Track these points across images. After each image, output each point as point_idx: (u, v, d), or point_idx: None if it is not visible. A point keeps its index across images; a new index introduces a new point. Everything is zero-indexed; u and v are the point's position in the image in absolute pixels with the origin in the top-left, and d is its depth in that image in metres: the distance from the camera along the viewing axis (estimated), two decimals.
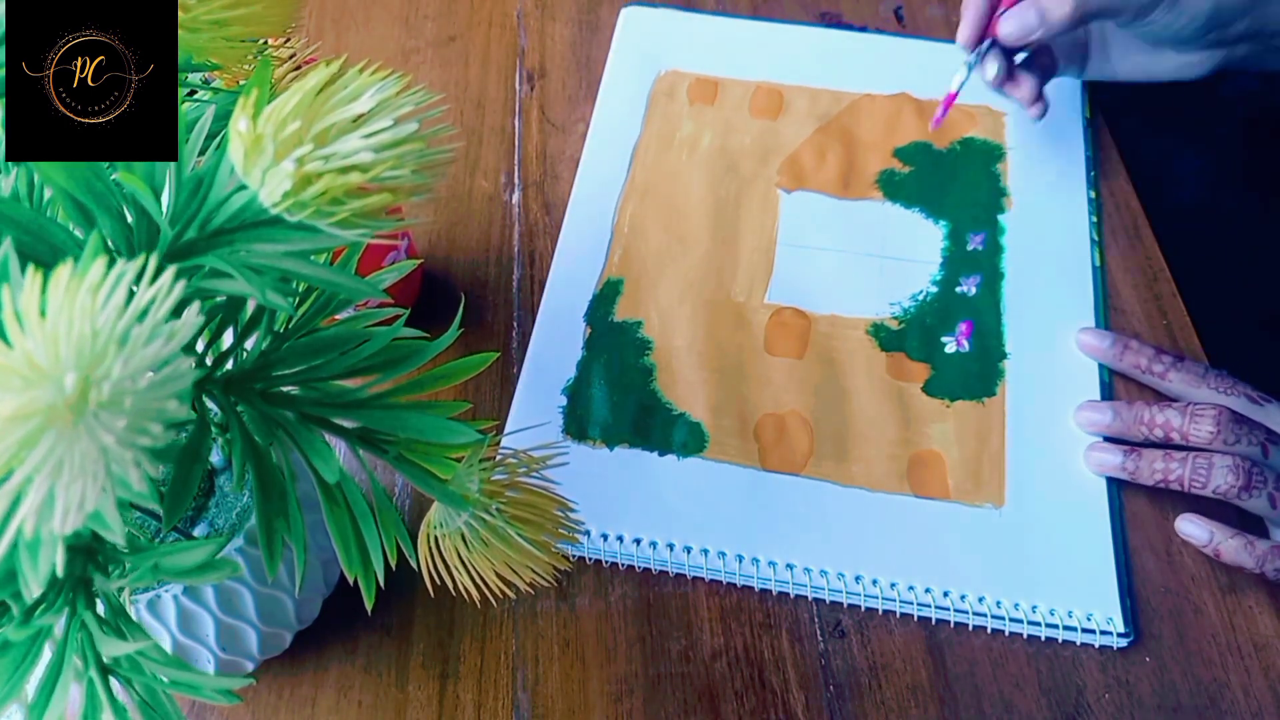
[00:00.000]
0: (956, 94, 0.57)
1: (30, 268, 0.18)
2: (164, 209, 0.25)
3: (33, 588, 0.20)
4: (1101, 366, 0.54)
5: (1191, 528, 0.47)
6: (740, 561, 0.48)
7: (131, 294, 0.18)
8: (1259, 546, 0.46)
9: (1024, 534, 0.49)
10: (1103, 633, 0.46)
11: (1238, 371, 0.52)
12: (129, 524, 0.34)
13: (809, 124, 0.65)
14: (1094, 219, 0.61)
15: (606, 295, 0.58)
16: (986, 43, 0.56)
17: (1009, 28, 0.54)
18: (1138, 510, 0.50)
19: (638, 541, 0.49)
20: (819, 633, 0.47)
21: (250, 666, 0.43)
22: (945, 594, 0.47)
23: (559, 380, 0.54)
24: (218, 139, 0.28)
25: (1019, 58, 0.59)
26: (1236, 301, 0.64)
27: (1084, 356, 0.55)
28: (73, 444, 0.17)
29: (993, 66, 0.57)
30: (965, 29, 0.55)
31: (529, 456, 0.32)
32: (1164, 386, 0.52)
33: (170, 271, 0.19)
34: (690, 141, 0.64)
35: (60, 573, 0.19)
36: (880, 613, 0.48)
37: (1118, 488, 0.51)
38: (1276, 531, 0.47)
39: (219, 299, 0.29)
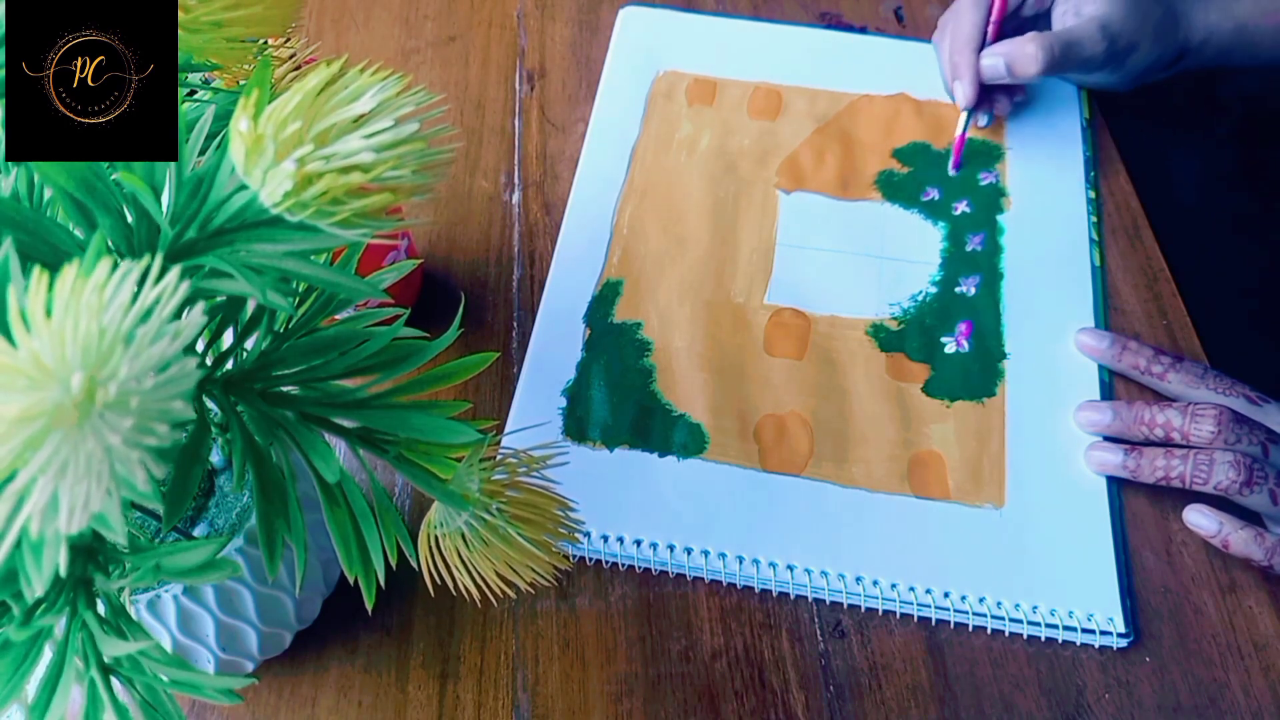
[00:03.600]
0: (965, 136, 0.62)
1: (36, 268, 0.18)
2: (164, 209, 0.25)
3: (36, 587, 0.20)
4: (1101, 366, 0.54)
5: (1200, 518, 0.47)
6: (740, 562, 0.48)
7: (135, 295, 0.18)
8: (1268, 539, 0.46)
9: (1024, 534, 0.49)
10: (1103, 633, 0.46)
11: (1238, 372, 0.52)
12: (129, 524, 0.34)
13: (807, 125, 0.65)
14: (1093, 219, 0.61)
15: (606, 296, 0.58)
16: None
17: (983, 75, 0.60)
18: (1138, 510, 0.50)
19: (638, 542, 0.49)
20: (819, 633, 0.47)
21: (250, 666, 0.43)
22: (945, 594, 0.47)
23: (559, 381, 0.54)
24: (218, 139, 0.28)
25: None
26: (1236, 301, 0.64)
27: (1084, 356, 0.55)
28: (78, 445, 0.17)
29: (984, 118, 0.63)
30: (966, 91, 0.61)
31: (529, 456, 0.32)
32: (1163, 387, 0.52)
33: (175, 271, 0.19)
34: (689, 142, 0.64)
35: (63, 573, 0.19)
36: (880, 613, 0.48)
37: (1118, 487, 0.51)
38: (1276, 528, 0.47)
39: (219, 299, 0.29)
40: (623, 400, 0.53)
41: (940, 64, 0.64)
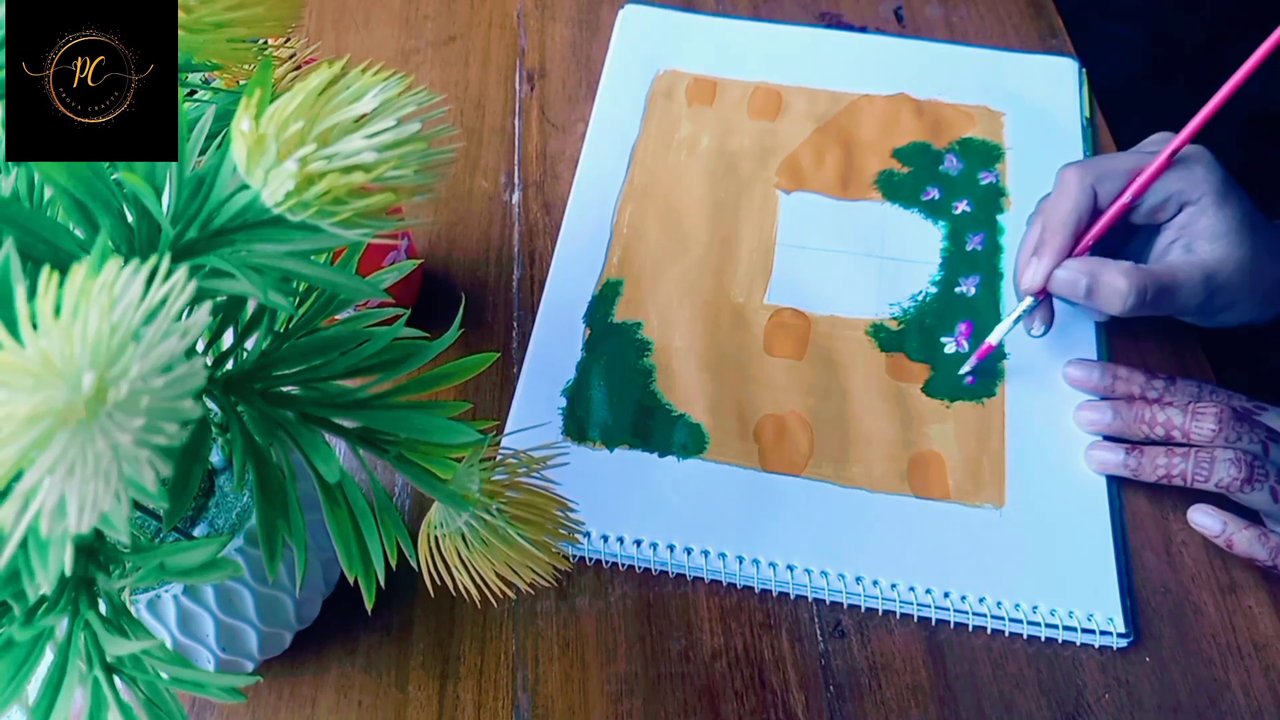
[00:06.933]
0: (995, 345, 0.53)
1: (45, 268, 0.18)
2: (165, 209, 0.25)
3: (41, 586, 0.20)
4: None
5: (1204, 518, 0.47)
6: (740, 562, 0.48)
7: (143, 294, 0.18)
8: (1273, 539, 0.46)
9: (1024, 534, 0.49)
10: (1103, 633, 0.46)
11: (1237, 372, 0.52)
12: (130, 523, 0.34)
13: (807, 124, 0.65)
14: None
15: (606, 296, 0.58)
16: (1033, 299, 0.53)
17: (1056, 284, 0.51)
18: (1138, 510, 0.50)
19: (638, 542, 0.49)
20: (819, 633, 0.47)
21: (250, 666, 0.43)
22: (945, 594, 0.47)
23: (559, 381, 0.54)
24: (218, 139, 0.28)
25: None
26: None
27: (1082, 353, 0.55)
28: (86, 444, 0.17)
29: (1040, 326, 0.53)
30: (1038, 272, 0.51)
31: (529, 456, 0.32)
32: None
33: (183, 270, 0.19)
34: (689, 142, 0.64)
35: (68, 572, 0.19)
36: (880, 613, 0.48)
37: (1118, 487, 0.51)
38: (1277, 526, 0.47)
39: (220, 299, 0.29)
40: (623, 400, 0.53)
41: (1022, 242, 0.55)
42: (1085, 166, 0.51)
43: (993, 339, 0.53)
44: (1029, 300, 0.52)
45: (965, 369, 0.54)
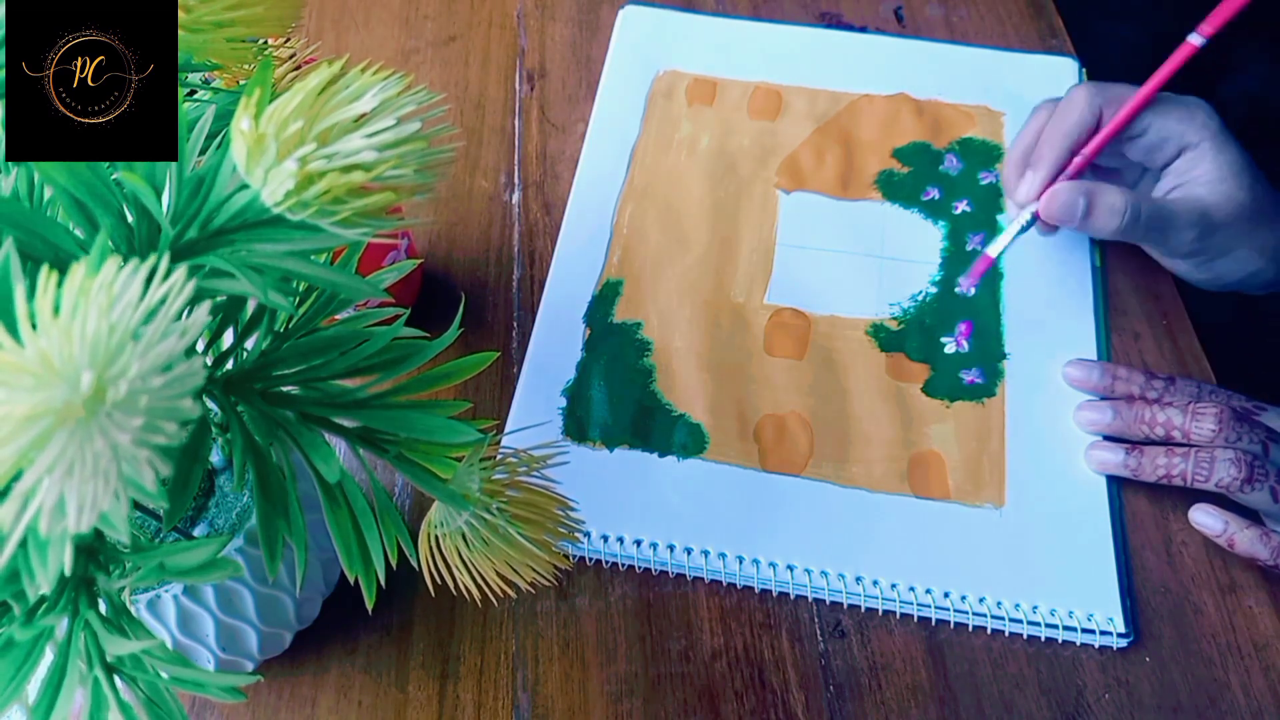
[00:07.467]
0: (994, 259, 0.55)
1: (45, 267, 0.18)
2: (165, 209, 0.25)
3: (41, 585, 0.20)
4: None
5: (1205, 518, 0.47)
6: (740, 562, 0.48)
7: (142, 294, 0.18)
8: (1274, 538, 0.46)
9: (1024, 534, 0.49)
10: (1103, 633, 0.46)
11: (1238, 372, 0.52)
12: (130, 523, 0.34)
13: (807, 124, 0.65)
14: None
15: (606, 296, 0.58)
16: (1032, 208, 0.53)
17: (1052, 208, 0.51)
18: (1138, 510, 0.50)
19: (638, 542, 0.49)
20: (819, 633, 0.47)
21: (250, 666, 0.43)
22: (945, 594, 0.47)
23: (559, 381, 0.54)
24: (218, 139, 0.28)
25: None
26: (1236, 301, 0.64)
27: (1082, 353, 0.55)
28: (84, 444, 0.17)
29: (1046, 229, 0.54)
30: (1032, 187, 0.52)
31: (529, 455, 0.32)
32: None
33: (182, 269, 0.19)
34: (689, 142, 0.64)
35: (68, 572, 0.19)
36: (880, 613, 0.48)
37: (1118, 487, 0.51)
38: (1277, 526, 0.47)
39: (220, 299, 0.29)
40: (623, 400, 0.53)
41: (1017, 143, 0.55)
42: (1098, 88, 0.52)
43: (991, 251, 0.54)
44: (1026, 215, 0.53)
45: (967, 283, 0.56)
